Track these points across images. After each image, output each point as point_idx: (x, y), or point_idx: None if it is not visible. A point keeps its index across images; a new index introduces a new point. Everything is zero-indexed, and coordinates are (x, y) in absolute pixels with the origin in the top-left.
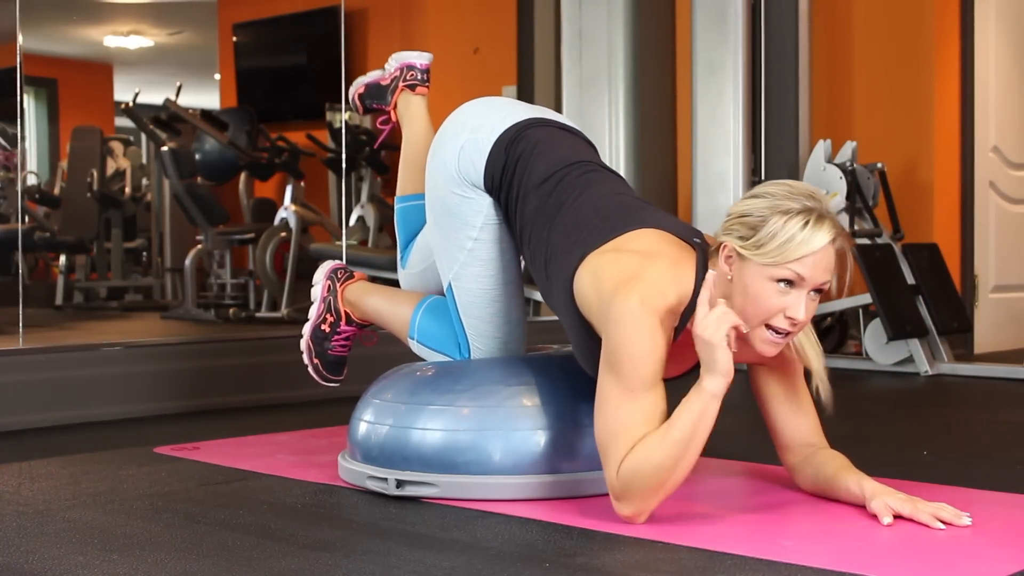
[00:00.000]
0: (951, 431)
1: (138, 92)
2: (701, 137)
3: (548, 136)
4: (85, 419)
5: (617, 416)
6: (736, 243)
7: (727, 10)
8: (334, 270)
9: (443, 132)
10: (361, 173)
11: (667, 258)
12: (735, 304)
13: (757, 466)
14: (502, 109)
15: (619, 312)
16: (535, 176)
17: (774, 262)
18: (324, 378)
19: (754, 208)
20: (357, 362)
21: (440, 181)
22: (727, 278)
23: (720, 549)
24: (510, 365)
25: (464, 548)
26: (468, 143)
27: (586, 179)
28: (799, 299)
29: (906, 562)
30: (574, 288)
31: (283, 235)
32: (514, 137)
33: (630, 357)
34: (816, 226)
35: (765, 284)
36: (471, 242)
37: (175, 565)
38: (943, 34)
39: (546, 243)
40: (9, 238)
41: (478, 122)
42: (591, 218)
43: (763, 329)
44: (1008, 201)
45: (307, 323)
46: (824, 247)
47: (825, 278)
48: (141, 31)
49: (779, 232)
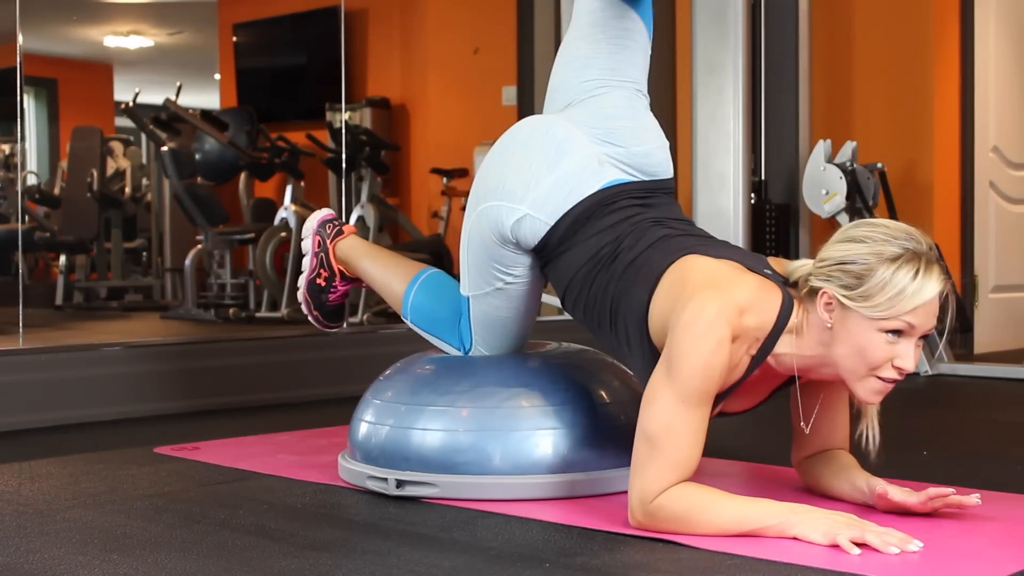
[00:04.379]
0: (951, 431)
1: (138, 92)
2: (701, 137)
3: (609, 215)
4: (85, 419)
5: (665, 418)
6: (839, 292)
7: (727, 10)
8: (323, 222)
9: (504, 179)
10: (361, 173)
11: (756, 280)
12: (837, 352)
13: (757, 466)
14: (571, 178)
15: (692, 316)
16: (589, 248)
17: (884, 315)
18: (325, 326)
19: (855, 255)
20: (357, 362)
21: (487, 227)
22: (826, 326)
23: (720, 549)
24: (510, 365)
25: (464, 548)
26: (527, 220)
27: (646, 231)
28: (908, 348)
29: (906, 562)
30: (649, 312)
31: (283, 235)
32: (574, 221)
33: (690, 367)
34: (926, 275)
35: (873, 336)
36: (502, 284)
37: (175, 565)
38: (943, 34)
39: (606, 295)
40: (9, 238)
41: (542, 196)
42: (658, 257)
43: (870, 379)
44: (1008, 201)
45: (302, 275)
46: (935, 295)
47: (932, 323)
48: (141, 31)
49: (888, 283)
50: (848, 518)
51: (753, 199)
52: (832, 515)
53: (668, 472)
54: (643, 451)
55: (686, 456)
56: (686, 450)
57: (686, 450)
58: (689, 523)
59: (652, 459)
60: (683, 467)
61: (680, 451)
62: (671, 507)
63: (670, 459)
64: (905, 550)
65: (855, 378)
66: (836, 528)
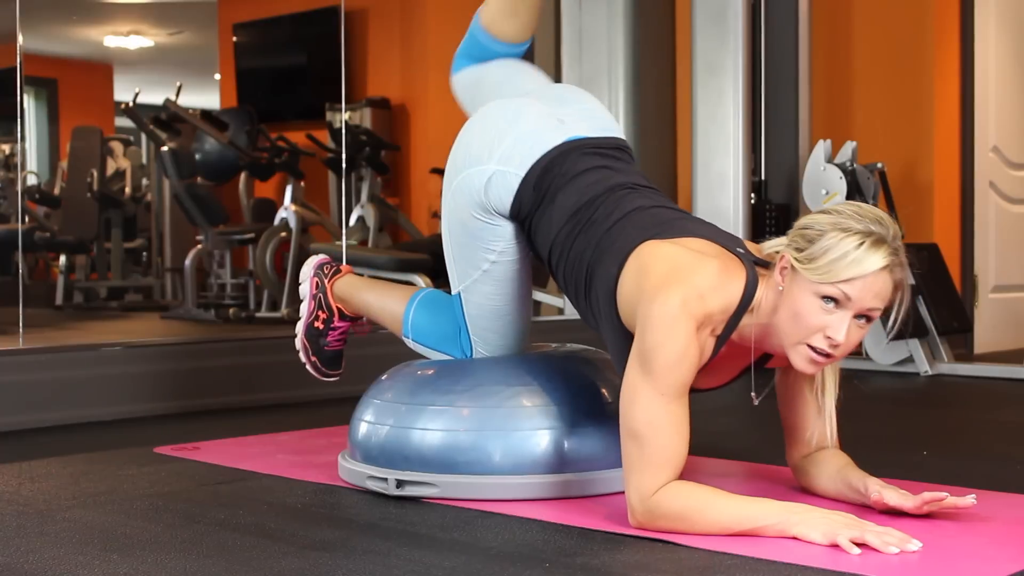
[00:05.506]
0: (951, 431)
1: (138, 92)
2: (701, 137)
3: (578, 164)
4: (85, 419)
5: (648, 414)
6: (792, 255)
7: (727, 10)
8: (320, 265)
9: (469, 147)
10: (361, 173)
11: (717, 263)
12: (780, 316)
13: (757, 466)
14: (532, 131)
15: (659, 312)
16: (566, 208)
17: (821, 279)
18: (323, 374)
19: (816, 222)
20: (357, 362)
21: (462, 201)
22: (778, 289)
23: (720, 549)
24: (510, 365)
25: (464, 548)
26: (496, 176)
27: (619, 198)
28: (842, 320)
29: (906, 562)
30: (617, 290)
31: (283, 235)
32: (543, 171)
33: (665, 360)
34: (872, 249)
35: (810, 300)
36: (488, 264)
37: (175, 565)
38: (943, 34)
39: (582, 262)
40: (9, 238)
41: (507, 150)
42: (628, 230)
43: (802, 346)
44: (1008, 201)
45: (299, 321)
46: (876, 272)
47: (873, 304)
48: (141, 31)
49: (833, 248)
50: (847, 518)
51: (753, 199)
52: (831, 515)
53: (661, 466)
54: (633, 450)
55: (676, 448)
56: (676, 442)
57: (676, 442)
58: (689, 520)
59: (643, 456)
60: (675, 460)
61: (670, 445)
62: (670, 504)
63: (661, 454)
64: (904, 550)
65: (789, 343)
66: (835, 528)
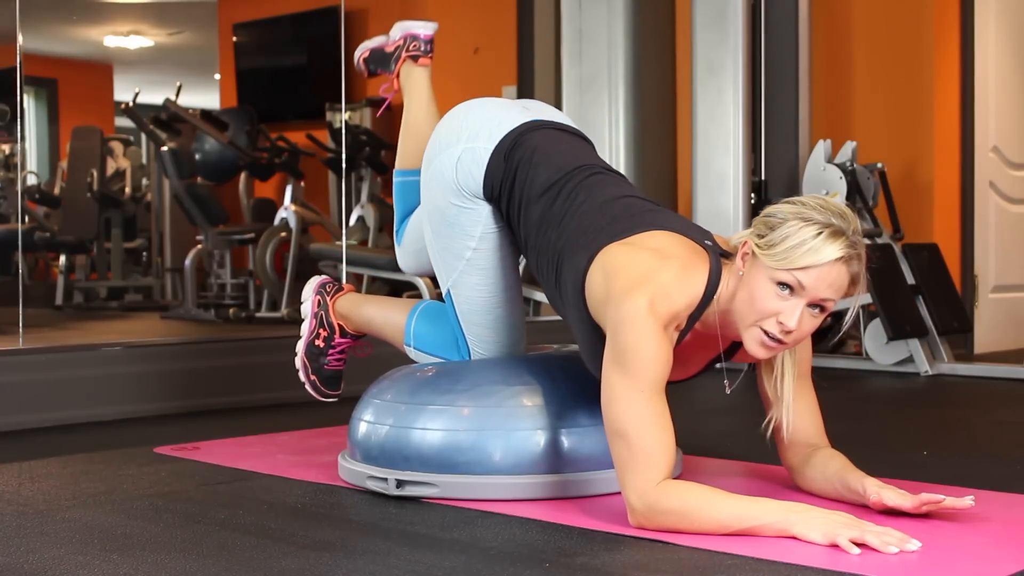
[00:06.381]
0: (951, 431)
1: (138, 92)
2: (701, 137)
3: (546, 140)
4: (85, 419)
5: (631, 412)
6: (754, 240)
7: (727, 10)
8: (322, 284)
9: (438, 139)
10: (361, 173)
11: (680, 261)
12: (737, 299)
13: (757, 466)
14: (497, 113)
15: (627, 314)
16: (537, 184)
17: (778, 264)
18: (322, 394)
19: (779, 210)
20: (357, 362)
21: (437, 191)
22: (739, 273)
23: (720, 549)
24: (510, 365)
25: (464, 548)
26: (465, 153)
27: (590, 183)
28: (795, 307)
29: (905, 562)
30: (585, 286)
31: (283, 235)
32: (512, 144)
33: (641, 360)
34: (829, 239)
35: (765, 284)
36: (470, 252)
37: (175, 565)
38: (943, 34)
39: (554, 249)
40: (9, 238)
41: (474, 129)
42: (599, 220)
43: (755, 328)
44: (1008, 201)
45: (300, 340)
46: (832, 263)
47: (827, 295)
48: (141, 31)
49: (792, 236)
50: (847, 518)
51: (753, 199)
52: (831, 515)
53: (653, 462)
54: (622, 449)
55: (664, 442)
56: (663, 436)
57: (663, 436)
58: (689, 518)
59: (633, 454)
60: (665, 453)
61: (657, 439)
62: (671, 502)
63: (651, 449)
64: (904, 550)
65: (743, 325)
66: (835, 528)
